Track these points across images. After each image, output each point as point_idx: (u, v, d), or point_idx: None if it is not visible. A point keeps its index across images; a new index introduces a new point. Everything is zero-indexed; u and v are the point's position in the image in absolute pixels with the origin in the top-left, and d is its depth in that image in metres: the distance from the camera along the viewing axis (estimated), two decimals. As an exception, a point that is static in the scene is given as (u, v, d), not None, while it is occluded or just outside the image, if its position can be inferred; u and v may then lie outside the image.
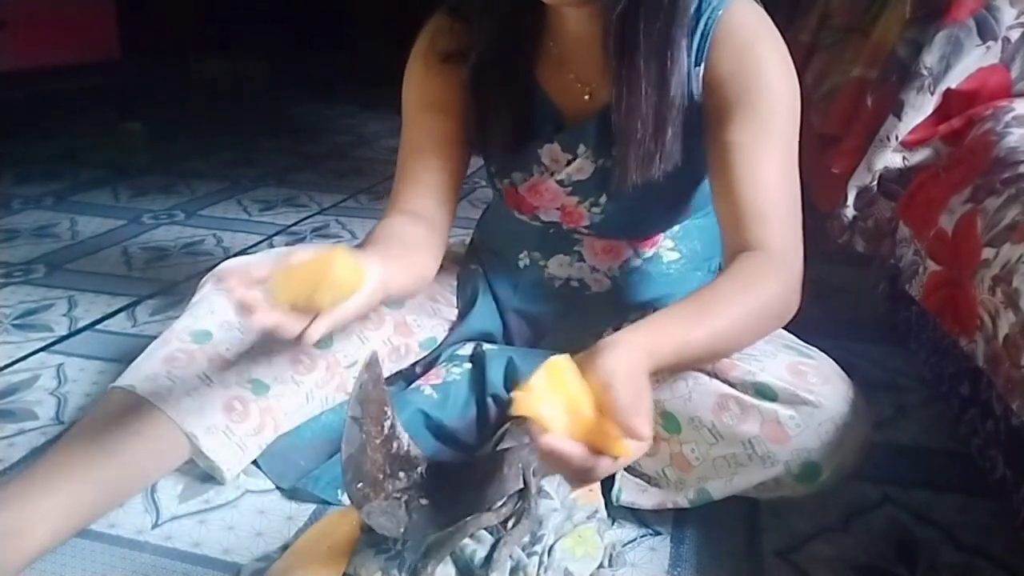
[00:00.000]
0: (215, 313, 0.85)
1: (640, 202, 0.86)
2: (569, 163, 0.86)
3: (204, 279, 0.92)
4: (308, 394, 0.88)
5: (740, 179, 0.76)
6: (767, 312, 0.72)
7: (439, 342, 0.99)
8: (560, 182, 0.87)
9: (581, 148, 0.86)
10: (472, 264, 1.04)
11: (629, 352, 0.59)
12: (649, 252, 0.94)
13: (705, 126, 0.79)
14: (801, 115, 0.80)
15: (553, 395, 0.54)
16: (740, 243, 0.75)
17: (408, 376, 0.99)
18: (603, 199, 0.88)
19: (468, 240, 1.11)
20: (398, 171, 0.88)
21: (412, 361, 0.99)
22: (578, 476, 0.56)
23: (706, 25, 0.78)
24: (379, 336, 0.94)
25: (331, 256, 0.60)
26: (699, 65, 0.79)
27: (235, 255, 0.87)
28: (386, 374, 0.97)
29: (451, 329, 1.00)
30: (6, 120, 2.57)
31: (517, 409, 0.53)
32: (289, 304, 0.59)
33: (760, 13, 0.80)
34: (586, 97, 0.85)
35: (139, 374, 0.80)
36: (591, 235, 0.93)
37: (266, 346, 0.85)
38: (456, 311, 1.02)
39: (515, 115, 0.84)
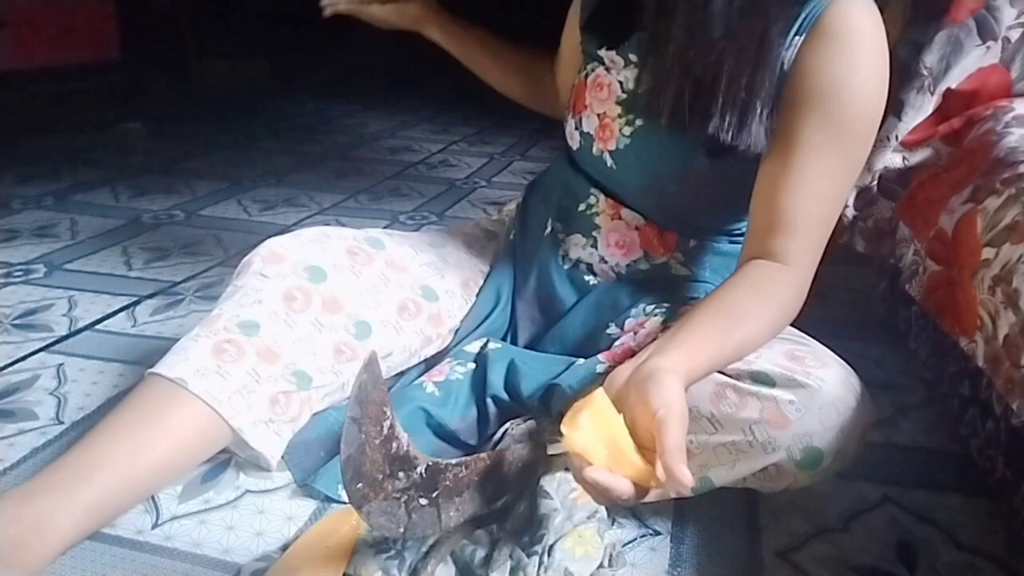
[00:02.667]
0: (263, 303, 0.86)
1: (663, 159, 0.87)
2: (625, 66, 0.89)
3: (247, 259, 0.91)
4: (345, 384, 0.89)
5: (787, 182, 0.75)
6: (782, 323, 0.76)
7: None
8: (620, 83, 0.90)
9: (632, 57, 0.88)
10: (507, 236, 1.09)
11: (678, 383, 0.60)
12: (659, 259, 0.95)
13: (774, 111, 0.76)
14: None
15: (597, 431, 0.59)
16: (763, 248, 0.76)
17: (422, 368, 1.00)
18: (638, 122, 0.89)
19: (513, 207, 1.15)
20: None
21: (438, 349, 1.00)
22: (615, 502, 0.59)
23: (813, 7, 0.74)
24: (413, 327, 0.95)
25: None
26: (790, 48, 0.75)
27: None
28: (413, 362, 0.99)
29: (472, 306, 1.02)
30: (6, 120, 2.57)
31: (567, 446, 0.59)
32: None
33: (874, 15, 0.75)
34: None
35: (188, 366, 0.79)
36: (611, 181, 0.93)
37: (310, 336, 0.86)
38: None
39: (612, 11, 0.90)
